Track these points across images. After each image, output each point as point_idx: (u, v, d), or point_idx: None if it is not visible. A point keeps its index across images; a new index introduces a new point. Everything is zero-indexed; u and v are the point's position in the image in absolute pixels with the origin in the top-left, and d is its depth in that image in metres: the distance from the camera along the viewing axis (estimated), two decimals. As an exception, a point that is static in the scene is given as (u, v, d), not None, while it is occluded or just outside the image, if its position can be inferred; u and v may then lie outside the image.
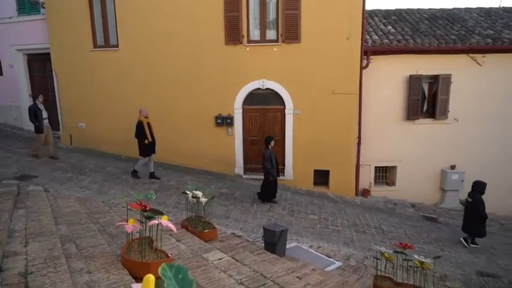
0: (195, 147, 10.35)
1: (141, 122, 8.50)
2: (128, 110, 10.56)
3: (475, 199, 7.71)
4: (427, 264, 3.91)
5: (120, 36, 10.45)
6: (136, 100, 10.43)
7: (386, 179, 11.09)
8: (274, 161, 8.46)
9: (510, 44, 10.12)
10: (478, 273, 6.29)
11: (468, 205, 7.85)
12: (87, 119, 11.03)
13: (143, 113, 8.59)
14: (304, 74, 9.74)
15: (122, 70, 10.54)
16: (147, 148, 8.60)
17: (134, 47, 10.36)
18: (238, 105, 10.17)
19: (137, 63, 10.40)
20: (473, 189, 7.91)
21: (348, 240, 7.09)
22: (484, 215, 7.62)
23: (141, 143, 8.56)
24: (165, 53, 10.19)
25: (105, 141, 10.89)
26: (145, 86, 10.45)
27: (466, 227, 7.87)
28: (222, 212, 7.50)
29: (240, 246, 4.63)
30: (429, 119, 10.64)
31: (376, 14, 12.41)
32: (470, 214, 7.73)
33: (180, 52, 10.10)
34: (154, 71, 10.35)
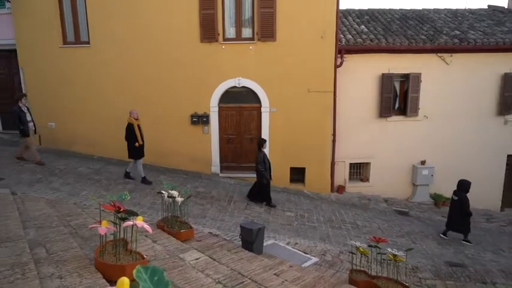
0: (171, 146, 10.21)
1: (131, 124, 8.28)
2: (101, 108, 10.32)
3: (461, 197, 8.04)
4: (400, 257, 4.04)
5: (92, 32, 10.14)
6: (110, 99, 10.20)
7: (361, 175, 11.35)
8: (268, 164, 8.46)
9: (475, 45, 10.56)
10: (447, 263, 6.56)
11: (453, 203, 8.17)
12: (57, 118, 10.64)
13: (133, 114, 8.34)
14: (279, 72, 9.80)
15: (94, 68, 10.23)
16: (137, 151, 8.39)
17: (106, 44, 10.08)
18: (214, 103, 10.11)
19: (110, 60, 10.12)
20: (458, 188, 8.22)
21: (324, 236, 7.21)
22: (469, 213, 7.96)
23: (131, 145, 8.34)
24: (139, 51, 9.98)
25: (77, 141, 10.55)
26: (118, 84, 10.20)
27: (450, 224, 8.17)
28: (199, 211, 7.44)
29: (217, 245, 4.62)
30: (401, 116, 10.95)
31: (350, 14, 12.63)
32: (455, 211, 8.04)
33: (154, 50, 9.92)
34: (127, 69, 10.11)
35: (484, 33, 11.13)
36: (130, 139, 8.31)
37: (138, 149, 8.39)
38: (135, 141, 8.26)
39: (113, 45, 10.05)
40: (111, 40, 10.03)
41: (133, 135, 8.24)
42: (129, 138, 8.32)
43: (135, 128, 8.26)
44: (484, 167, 11.23)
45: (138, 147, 8.34)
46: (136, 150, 8.37)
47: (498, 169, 11.48)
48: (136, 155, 8.46)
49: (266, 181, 8.44)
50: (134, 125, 8.27)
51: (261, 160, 8.36)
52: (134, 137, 8.25)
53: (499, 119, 11.20)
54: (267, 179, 8.44)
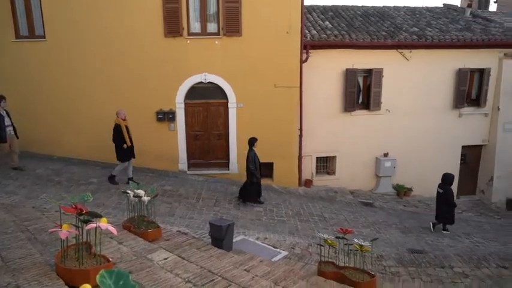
0: (136, 144, 9.86)
1: (119, 125, 8.01)
2: (60, 106, 9.83)
3: (446, 190, 8.41)
4: (366, 247, 4.17)
5: (47, 26, 9.59)
6: (69, 95, 9.74)
7: (327, 169, 11.60)
8: (258, 163, 8.45)
9: (432, 41, 11.06)
10: (409, 250, 6.86)
11: (439, 195, 8.53)
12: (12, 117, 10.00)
13: (121, 115, 8.08)
14: (246, 68, 9.77)
15: (51, 63, 9.70)
16: (125, 153, 8.14)
17: (64, 39, 9.57)
18: (180, 99, 9.92)
19: (68, 56, 9.63)
20: (443, 181, 8.58)
21: (292, 229, 7.31)
22: (453, 204, 8.36)
23: (119, 147, 8.08)
24: (100, 46, 9.56)
25: (34, 141, 9.97)
26: (78, 81, 9.73)
27: (438, 216, 8.54)
28: (167, 210, 7.30)
29: (186, 243, 4.54)
30: (364, 110, 11.29)
31: (314, 10, 12.81)
32: (441, 203, 8.41)
33: (116, 44, 9.55)
34: (88, 65, 9.67)
35: (440, 31, 11.68)
36: (118, 141, 8.05)
37: (127, 151, 8.14)
38: (123, 142, 8.02)
39: (71, 40, 9.56)
40: (69, 35, 9.54)
41: (121, 136, 7.99)
42: (116, 139, 8.06)
43: (123, 129, 8.01)
44: (442, 157, 11.85)
45: (126, 149, 8.09)
46: (125, 152, 8.13)
47: (454, 159, 12.15)
48: (125, 157, 8.20)
49: (256, 180, 8.45)
50: (122, 126, 8.01)
51: (252, 159, 8.35)
52: (122, 138, 8.00)
53: (454, 112, 11.83)
54: (257, 177, 8.45)
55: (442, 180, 8.63)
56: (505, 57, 11.75)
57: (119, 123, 8.05)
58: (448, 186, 8.45)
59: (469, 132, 12.04)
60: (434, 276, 5.71)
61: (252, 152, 8.43)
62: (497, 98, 11.91)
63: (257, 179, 8.45)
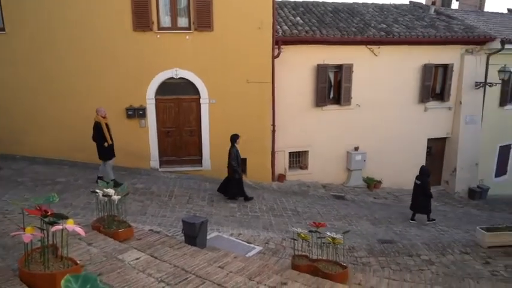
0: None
1: (99, 123, 7.75)
2: (22, 102, 9.36)
3: (423, 181, 8.75)
4: (338, 239, 4.26)
5: (6, 17, 9.08)
6: (32, 92, 9.28)
7: (300, 164, 11.75)
8: (240, 159, 8.43)
9: (399, 37, 11.38)
10: (379, 241, 7.08)
11: (416, 187, 8.88)
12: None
13: (101, 112, 7.82)
14: (218, 63, 9.68)
15: (11, 57, 9.21)
16: (107, 151, 7.90)
17: (25, 31, 9.10)
18: (150, 95, 9.71)
19: (30, 49, 9.17)
20: (420, 173, 8.98)
21: (266, 224, 7.36)
22: (430, 195, 8.76)
23: (100, 146, 7.83)
24: (65, 39, 9.16)
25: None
26: (43, 76, 9.29)
27: (414, 206, 8.89)
28: (138, 208, 7.15)
29: (158, 242, 4.46)
30: (335, 105, 11.49)
31: (286, 5, 12.85)
32: (418, 194, 8.76)
33: (82, 38, 9.17)
34: (53, 59, 9.24)
35: (406, 27, 12.04)
36: (98, 139, 7.80)
37: (108, 149, 7.91)
38: (104, 141, 7.79)
39: (34, 33, 9.11)
40: (32, 28, 9.09)
41: (102, 134, 7.75)
42: (97, 138, 7.80)
43: (103, 127, 7.77)
44: (409, 150, 12.28)
45: (108, 147, 7.86)
46: (107, 151, 7.90)
47: (421, 152, 12.63)
48: (107, 156, 7.96)
49: (239, 176, 8.45)
50: (102, 124, 7.77)
51: (235, 156, 8.34)
52: (103, 136, 7.76)
53: (420, 106, 12.27)
54: (240, 174, 8.44)
55: (420, 172, 9.03)
56: (466, 53, 12.30)
57: (99, 121, 7.79)
58: (425, 178, 8.84)
59: (434, 125, 12.55)
60: (402, 264, 5.93)
61: (234, 148, 8.41)
62: (459, 92, 12.46)
63: (239, 175, 8.47)
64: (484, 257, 6.28)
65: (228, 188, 8.52)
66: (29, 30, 9.09)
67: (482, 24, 13.69)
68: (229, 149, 8.46)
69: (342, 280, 4.18)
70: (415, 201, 8.87)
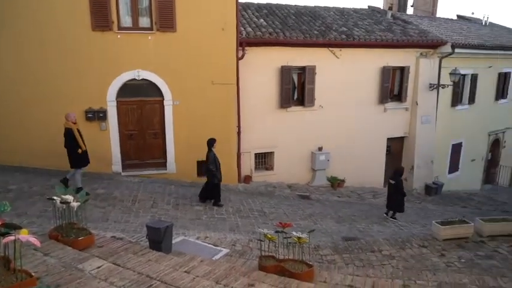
0: (61, 147, 9.14)
1: (71, 129, 7.41)
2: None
3: (397, 181, 9.07)
4: (304, 239, 4.33)
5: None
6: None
7: (266, 165, 11.83)
8: (218, 164, 8.35)
9: (359, 41, 11.78)
10: (343, 238, 7.27)
11: (391, 186, 9.18)
12: None
13: (71, 118, 7.48)
14: (182, 64, 9.54)
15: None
16: (81, 158, 7.54)
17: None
18: (111, 97, 9.38)
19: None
20: (394, 173, 9.32)
21: (233, 226, 7.34)
22: (404, 193, 9.11)
23: (73, 153, 7.46)
24: (19, 38, 8.61)
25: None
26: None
27: (389, 204, 9.22)
28: (100, 214, 6.88)
29: (121, 249, 4.32)
30: (299, 106, 11.69)
31: (249, 7, 12.90)
32: (393, 193, 9.09)
33: (38, 38, 8.67)
34: (4, 60, 8.67)
35: (366, 31, 12.49)
36: (71, 146, 7.44)
37: (82, 156, 7.56)
38: (77, 147, 7.43)
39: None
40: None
41: (74, 141, 7.41)
42: (69, 145, 7.45)
43: (76, 133, 7.43)
44: (370, 149, 12.75)
45: (81, 154, 7.51)
46: (80, 158, 7.54)
47: (381, 151, 13.15)
48: (80, 163, 7.61)
49: (217, 181, 8.39)
50: (74, 130, 7.43)
51: (213, 160, 8.26)
52: (75, 143, 7.41)
53: (379, 106, 12.77)
54: (218, 178, 8.38)
55: (394, 172, 9.45)
56: (421, 57, 12.96)
57: (69, 127, 7.45)
58: (399, 178, 9.22)
59: (393, 125, 13.11)
60: (365, 260, 6.13)
61: (212, 153, 8.35)
62: (415, 93, 13.11)
63: (218, 179, 8.41)
64: (440, 249, 6.63)
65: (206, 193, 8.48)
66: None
67: (435, 29, 14.50)
68: (206, 154, 8.41)
69: (308, 278, 4.26)
70: (391, 200, 9.26)
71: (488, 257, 6.31)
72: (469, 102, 14.79)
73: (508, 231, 7.33)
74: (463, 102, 14.70)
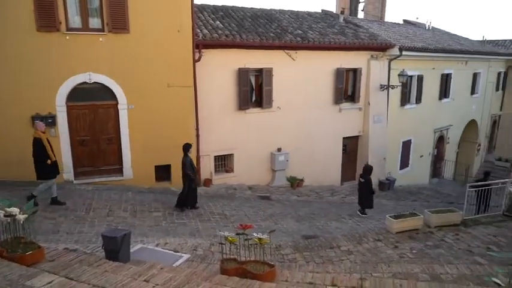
0: (7, 155, 8.51)
1: (39, 138, 7.08)
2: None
3: (366, 179, 9.44)
4: (265, 240, 4.37)
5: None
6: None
7: (226, 167, 11.79)
8: (194, 168, 8.49)
9: (314, 43, 12.12)
10: (303, 237, 7.43)
11: (361, 184, 9.56)
12: None
13: (40, 127, 7.20)
14: (136, 67, 9.27)
15: None
16: (51, 169, 7.23)
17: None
18: (60, 102, 8.90)
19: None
20: (364, 172, 9.72)
21: (194, 231, 7.24)
22: (372, 191, 9.54)
23: (41, 164, 7.12)
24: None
25: None
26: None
27: (360, 201, 9.58)
28: (50, 226, 6.49)
29: (75, 261, 4.11)
30: (258, 108, 11.79)
31: (205, 9, 12.81)
32: (363, 191, 9.44)
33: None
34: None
35: (320, 34, 12.87)
36: (40, 156, 7.10)
37: (52, 167, 7.26)
38: (46, 158, 7.11)
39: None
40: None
41: (44, 151, 7.08)
42: (38, 155, 7.10)
43: (45, 143, 7.10)
44: (327, 148, 13.15)
45: (51, 165, 7.22)
46: (50, 169, 7.23)
47: (337, 150, 13.59)
48: (50, 174, 7.29)
49: (194, 185, 8.46)
50: (43, 140, 7.11)
51: (189, 165, 8.32)
52: (45, 153, 7.09)
53: (335, 107, 13.21)
54: (196, 183, 8.48)
55: (363, 171, 9.82)
56: (372, 59, 13.58)
57: (38, 136, 7.11)
58: (368, 176, 9.57)
59: (348, 125, 13.61)
60: (325, 257, 6.31)
61: (188, 157, 8.36)
62: (367, 94, 13.71)
63: (195, 185, 8.49)
64: (393, 242, 7.00)
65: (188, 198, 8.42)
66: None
67: (384, 32, 15.27)
68: (182, 159, 8.39)
69: (270, 279, 4.30)
70: (361, 197, 9.60)
71: (436, 246, 6.75)
72: (416, 102, 15.72)
73: (453, 221, 7.90)
74: (411, 102, 15.59)
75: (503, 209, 8.79)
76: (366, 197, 9.60)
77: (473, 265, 5.69)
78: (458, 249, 6.63)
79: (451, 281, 4.92)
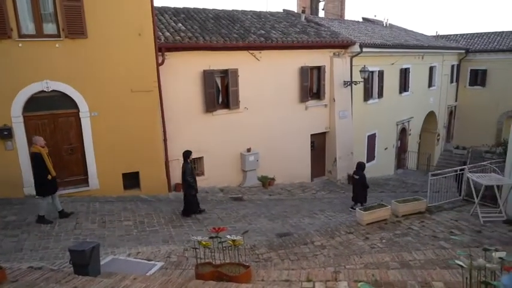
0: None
1: (39, 153, 7.06)
2: None
3: (360, 175, 9.62)
4: (238, 241, 4.37)
5: None
6: None
7: (196, 170, 11.64)
8: (195, 175, 8.72)
9: (277, 43, 12.24)
10: (277, 235, 7.49)
11: (355, 180, 9.73)
12: None
13: (39, 142, 7.16)
14: (97, 73, 8.97)
15: None
16: (50, 185, 7.23)
17: None
18: (16, 113, 8.44)
19: None
20: (357, 169, 9.89)
21: (166, 237, 7.10)
22: (367, 186, 9.74)
23: (41, 179, 7.11)
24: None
25: None
26: None
27: (355, 197, 9.74)
28: (12, 244, 6.14)
29: (41, 279, 3.93)
30: (225, 109, 11.74)
31: (166, 11, 12.61)
32: (357, 187, 9.62)
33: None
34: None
35: (282, 33, 13.02)
36: (41, 172, 7.10)
37: (52, 183, 7.26)
38: (46, 173, 7.10)
39: None
40: None
41: (44, 167, 7.07)
42: (38, 171, 7.12)
43: (45, 158, 7.10)
44: (296, 146, 13.33)
45: (51, 181, 7.21)
46: (50, 184, 7.23)
47: (306, 147, 13.81)
48: (50, 190, 7.28)
49: (195, 192, 8.65)
50: (43, 155, 7.09)
51: (190, 171, 8.54)
52: (45, 168, 7.08)
53: (301, 105, 13.42)
54: (196, 189, 8.68)
55: (357, 167, 10.02)
56: (334, 56, 13.91)
57: (38, 151, 7.07)
58: (361, 172, 9.77)
59: (315, 122, 13.87)
60: (300, 253, 6.39)
61: (189, 164, 8.56)
62: (332, 91, 14.03)
63: (196, 191, 8.69)
64: (364, 233, 7.21)
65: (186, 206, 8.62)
66: None
67: (344, 30, 15.69)
68: (182, 166, 8.59)
69: (246, 280, 4.30)
70: (356, 193, 9.80)
71: (404, 235, 7.03)
72: (378, 97, 16.28)
73: (418, 209, 8.25)
74: (373, 97, 16.13)
75: (463, 194, 9.30)
76: (361, 192, 9.82)
77: (439, 250, 5.97)
78: (424, 236, 6.94)
79: (419, 266, 5.13)
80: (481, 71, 21.78)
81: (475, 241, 6.54)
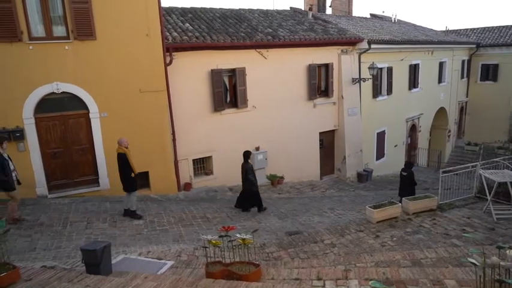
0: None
1: (125, 154, 7.75)
2: None
3: (409, 172, 9.78)
4: (248, 240, 4.36)
5: None
6: None
7: (205, 169, 11.71)
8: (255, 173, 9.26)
9: (285, 41, 12.20)
10: (287, 234, 7.47)
11: (403, 177, 9.87)
12: None
13: (124, 143, 7.81)
14: (106, 74, 9.06)
15: None
16: (134, 182, 8.00)
17: None
18: (28, 114, 8.57)
19: None
20: (406, 166, 10.07)
21: (177, 236, 7.14)
22: (415, 183, 9.90)
23: (127, 177, 7.87)
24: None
25: None
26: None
27: (401, 193, 9.71)
28: (25, 244, 6.24)
29: (54, 278, 3.98)
30: (233, 108, 11.76)
31: (173, 12, 12.66)
32: (405, 183, 9.76)
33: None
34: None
35: (290, 31, 12.97)
36: (125, 170, 7.81)
37: (134, 180, 8.01)
38: (131, 171, 7.83)
39: None
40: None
41: (128, 165, 7.78)
42: (123, 169, 7.81)
43: (129, 158, 7.79)
44: (304, 144, 13.28)
45: (134, 178, 7.98)
46: (133, 181, 7.99)
47: (314, 145, 13.75)
48: (134, 186, 8.02)
49: (256, 188, 9.17)
50: (128, 155, 7.78)
51: (251, 170, 9.14)
52: (129, 167, 7.80)
53: (309, 103, 13.36)
54: (257, 186, 9.24)
55: (405, 165, 10.23)
56: (342, 53, 13.82)
57: (123, 152, 7.76)
58: (410, 170, 9.91)
59: (323, 119, 13.80)
60: (309, 252, 6.37)
61: (249, 164, 9.17)
62: (340, 88, 13.94)
63: (257, 188, 9.21)
64: (375, 231, 7.14)
65: (245, 202, 9.21)
66: None
67: (352, 27, 15.56)
68: (242, 165, 9.20)
69: (256, 278, 4.30)
70: (403, 189, 9.85)
71: (415, 232, 6.95)
72: (387, 93, 16.13)
73: (429, 206, 8.15)
74: (382, 93, 15.98)
75: (474, 191, 9.16)
76: (408, 188, 9.83)
77: (451, 247, 5.89)
78: (436, 234, 6.85)
79: (430, 264, 5.07)
80: (492, 66, 21.41)
81: (488, 239, 6.44)
